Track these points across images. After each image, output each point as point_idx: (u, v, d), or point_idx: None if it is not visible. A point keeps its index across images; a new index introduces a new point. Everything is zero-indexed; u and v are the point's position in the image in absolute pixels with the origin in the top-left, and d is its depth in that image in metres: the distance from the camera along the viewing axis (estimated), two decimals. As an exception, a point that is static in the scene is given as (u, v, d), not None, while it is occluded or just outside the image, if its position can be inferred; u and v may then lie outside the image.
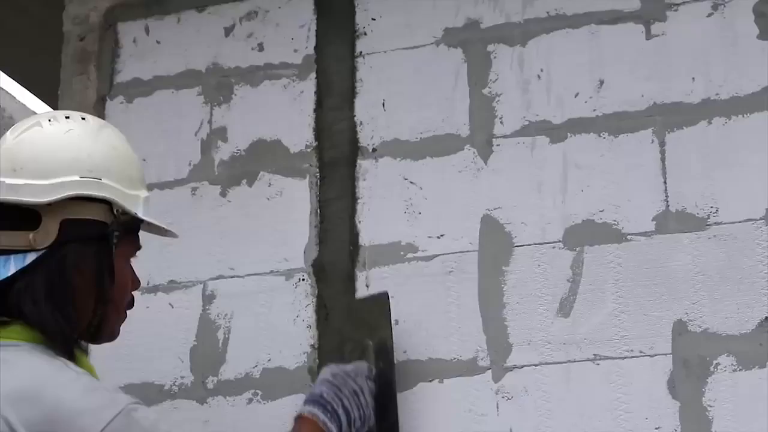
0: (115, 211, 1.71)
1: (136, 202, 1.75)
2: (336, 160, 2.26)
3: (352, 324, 2.10)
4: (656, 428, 1.95)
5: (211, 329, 2.25)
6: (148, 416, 1.60)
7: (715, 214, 2.02)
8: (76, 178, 1.68)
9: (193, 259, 2.30)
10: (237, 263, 2.28)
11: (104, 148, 1.73)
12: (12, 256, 1.64)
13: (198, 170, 2.36)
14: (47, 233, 1.66)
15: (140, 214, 1.75)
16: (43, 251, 1.65)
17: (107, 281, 1.70)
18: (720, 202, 2.02)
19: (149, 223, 1.78)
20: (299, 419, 1.89)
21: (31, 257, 1.64)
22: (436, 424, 2.06)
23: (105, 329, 1.73)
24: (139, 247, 1.80)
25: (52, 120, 1.72)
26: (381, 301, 2.06)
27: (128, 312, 1.78)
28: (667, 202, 2.05)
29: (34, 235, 1.65)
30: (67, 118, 1.73)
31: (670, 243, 2.03)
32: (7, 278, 1.63)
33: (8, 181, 1.66)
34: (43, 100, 3.83)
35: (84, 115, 1.77)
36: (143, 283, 2.27)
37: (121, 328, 1.76)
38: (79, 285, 1.68)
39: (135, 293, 2.25)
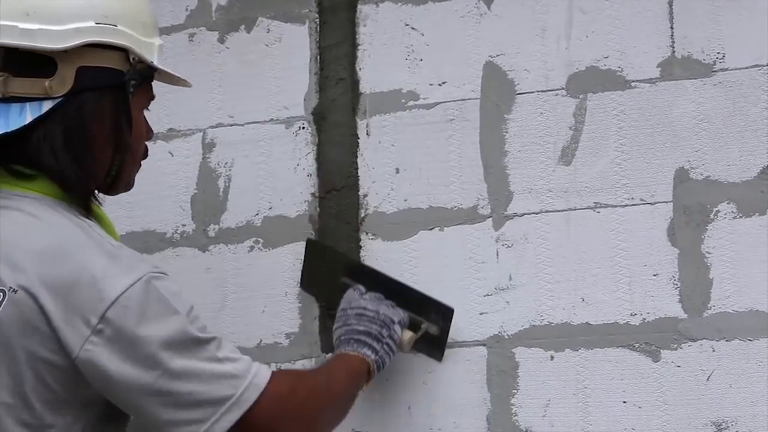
0: (131, 59, 1.68)
1: (151, 50, 1.73)
2: (336, 5, 2.22)
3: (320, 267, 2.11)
4: (654, 275, 1.96)
5: (212, 177, 2.25)
6: (169, 286, 1.59)
7: (721, 60, 1.98)
8: (92, 24, 1.64)
9: (191, 107, 2.28)
10: (236, 111, 2.26)
11: None
12: (27, 104, 1.61)
13: (195, 15, 2.31)
14: (63, 81, 1.62)
15: (156, 63, 1.72)
16: (59, 99, 1.62)
17: (125, 129, 1.69)
18: (727, 48, 1.98)
19: (161, 72, 1.76)
20: (337, 356, 1.89)
21: (47, 105, 1.62)
22: (437, 271, 2.08)
23: (122, 179, 1.73)
24: (152, 97, 1.78)
25: None
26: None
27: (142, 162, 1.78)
28: (673, 48, 2.01)
29: (50, 83, 1.62)
30: None
31: (674, 90, 2.00)
32: (24, 127, 1.61)
33: (21, 25, 1.62)
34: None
35: None
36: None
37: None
38: (97, 134, 1.66)
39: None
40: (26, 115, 1.61)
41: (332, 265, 2.08)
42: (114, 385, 1.56)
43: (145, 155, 1.79)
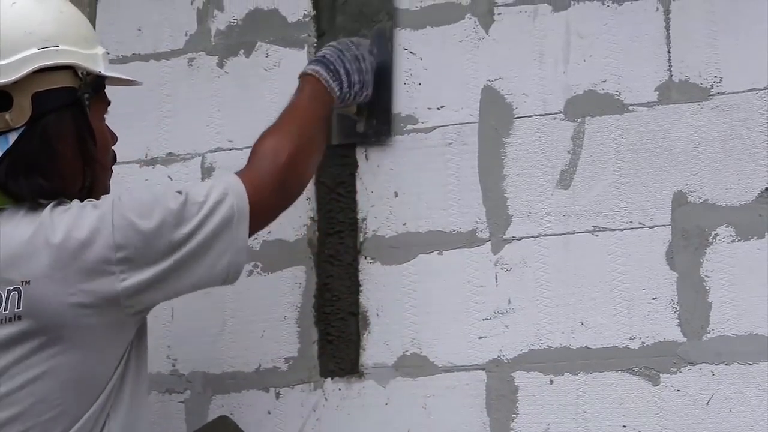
0: (80, 74, 1.75)
1: (96, 60, 1.79)
2: (334, 29, 2.22)
3: (347, 16, 2.17)
4: (653, 299, 1.96)
5: (211, 201, 2.25)
6: (132, 193, 1.79)
7: (718, 84, 1.99)
8: (35, 50, 1.71)
9: (191, 132, 2.29)
10: (235, 135, 2.26)
11: (52, 13, 1.75)
12: None
13: (194, 40, 2.32)
14: (22, 110, 1.70)
15: (103, 71, 1.78)
16: (22, 128, 1.70)
17: (89, 142, 1.76)
18: (724, 72, 1.98)
19: (111, 78, 1.83)
20: (302, 77, 1.99)
21: (13, 137, 1.69)
22: (436, 295, 2.08)
23: (98, 188, 1.80)
24: (108, 103, 1.85)
25: None
26: None
27: (113, 168, 1.89)
28: (671, 71, 2.02)
29: (9, 115, 1.70)
30: None
31: (672, 114, 2.01)
32: None
33: None
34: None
35: None
36: (141, 156, 2.30)
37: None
38: (64, 152, 1.73)
39: (133, 165, 2.27)
40: None
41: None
42: (156, 287, 1.71)
43: (113, 161, 1.87)
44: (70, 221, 1.67)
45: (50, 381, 1.65)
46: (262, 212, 1.82)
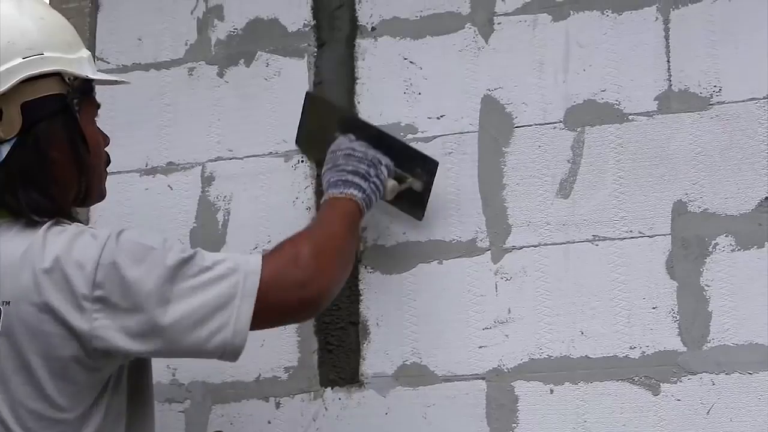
0: (67, 80, 1.73)
1: (82, 63, 1.76)
2: (334, 39, 2.23)
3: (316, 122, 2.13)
4: (653, 308, 1.96)
5: (211, 211, 2.25)
6: (135, 232, 1.68)
7: (718, 94, 1.99)
8: (20, 60, 1.69)
9: (191, 141, 2.29)
10: (235, 145, 2.26)
11: (34, 21, 1.73)
12: None
13: (194, 50, 2.32)
14: (12, 122, 1.68)
15: (90, 75, 1.77)
16: (14, 140, 1.68)
17: (82, 148, 1.74)
18: (723, 81, 1.99)
19: (99, 80, 1.81)
20: (323, 203, 1.92)
21: (5, 149, 1.68)
22: (436, 305, 2.08)
23: (93, 193, 1.79)
24: (98, 106, 1.83)
25: None
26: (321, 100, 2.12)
27: (108, 171, 1.85)
28: (670, 81, 2.02)
29: (0, 128, 1.67)
30: None
31: (671, 123, 2.01)
32: None
33: None
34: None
35: None
36: (141, 165, 2.30)
37: (106, 187, 1.84)
38: (58, 159, 1.71)
39: (133, 174, 2.26)
40: None
41: (328, 118, 2.08)
42: (134, 339, 1.62)
43: (107, 163, 1.85)
44: (61, 247, 1.63)
45: (20, 409, 1.62)
46: (277, 303, 1.68)
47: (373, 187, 1.94)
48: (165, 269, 1.63)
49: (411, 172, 2.04)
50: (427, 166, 2.03)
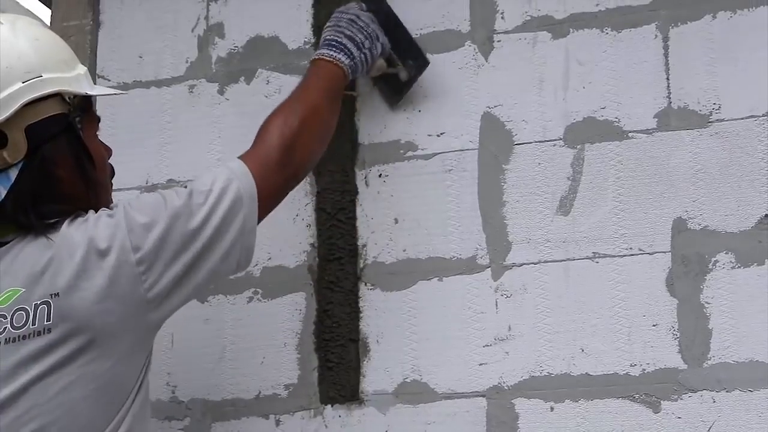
0: (67, 99, 1.75)
1: (80, 81, 1.78)
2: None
3: None
4: (654, 325, 1.96)
5: (211, 228, 2.25)
6: (137, 197, 1.78)
7: (717, 111, 1.99)
8: (20, 84, 1.70)
9: (191, 158, 2.29)
10: (236, 162, 2.26)
11: (30, 43, 1.74)
12: None
13: (195, 67, 2.33)
14: (17, 146, 1.70)
15: (89, 91, 1.79)
16: (21, 163, 1.70)
17: (88, 164, 1.76)
18: (723, 99, 1.99)
19: (99, 94, 1.85)
20: (312, 63, 2.01)
21: (14, 173, 1.70)
22: (436, 322, 2.08)
23: (101, 205, 1.79)
24: (98, 120, 1.85)
25: None
26: None
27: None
28: (669, 98, 2.03)
29: (6, 153, 1.70)
30: None
31: (671, 140, 2.01)
32: (3, 199, 1.70)
33: None
34: (39, -2, 3.76)
35: None
36: (142, 182, 2.30)
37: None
38: (66, 178, 1.74)
39: (134, 191, 2.27)
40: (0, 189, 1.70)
41: None
42: (180, 284, 1.71)
43: (112, 175, 1.88)
44: (88, 232, 1.68)
45: (80, 390, 1.64)
46: (271, 191, 1.82)
47: (363, 58, 2.03)
48: (180, 210, 1.72)
49: (403, 61, 2.12)
50: (418, 62, 2.12)
